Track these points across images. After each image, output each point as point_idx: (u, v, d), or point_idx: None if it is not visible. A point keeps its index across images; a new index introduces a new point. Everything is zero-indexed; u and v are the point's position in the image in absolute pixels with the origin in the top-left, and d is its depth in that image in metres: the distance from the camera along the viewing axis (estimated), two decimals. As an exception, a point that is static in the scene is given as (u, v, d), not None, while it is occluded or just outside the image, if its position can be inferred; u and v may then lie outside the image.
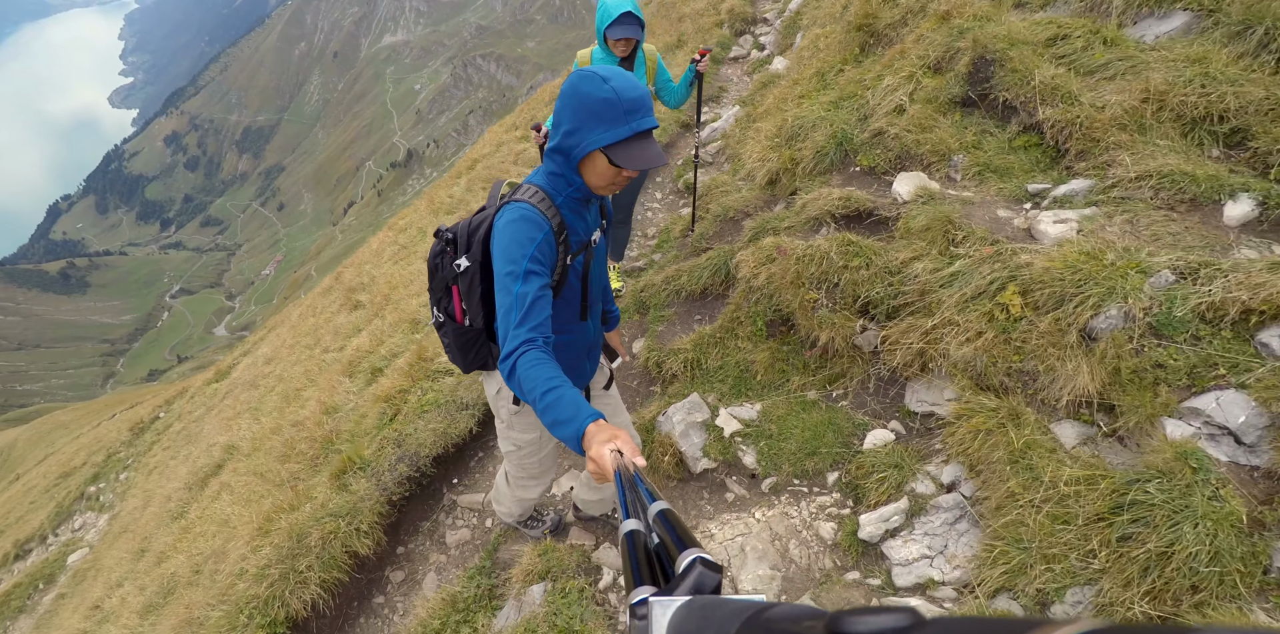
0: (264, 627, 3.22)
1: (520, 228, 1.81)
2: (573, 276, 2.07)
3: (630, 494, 1.07)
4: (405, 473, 3.84)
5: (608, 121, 1.69)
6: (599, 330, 2.39)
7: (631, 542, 0.90)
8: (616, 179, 1.82)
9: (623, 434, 1.34)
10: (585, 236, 2.05)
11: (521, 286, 1.73)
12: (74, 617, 7.87)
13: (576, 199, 1.95)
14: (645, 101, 1.72)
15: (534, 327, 1.69)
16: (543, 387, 1.53)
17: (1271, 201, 2.70)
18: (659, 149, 1.77)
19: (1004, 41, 3.79)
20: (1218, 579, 1.90)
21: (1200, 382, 2.19)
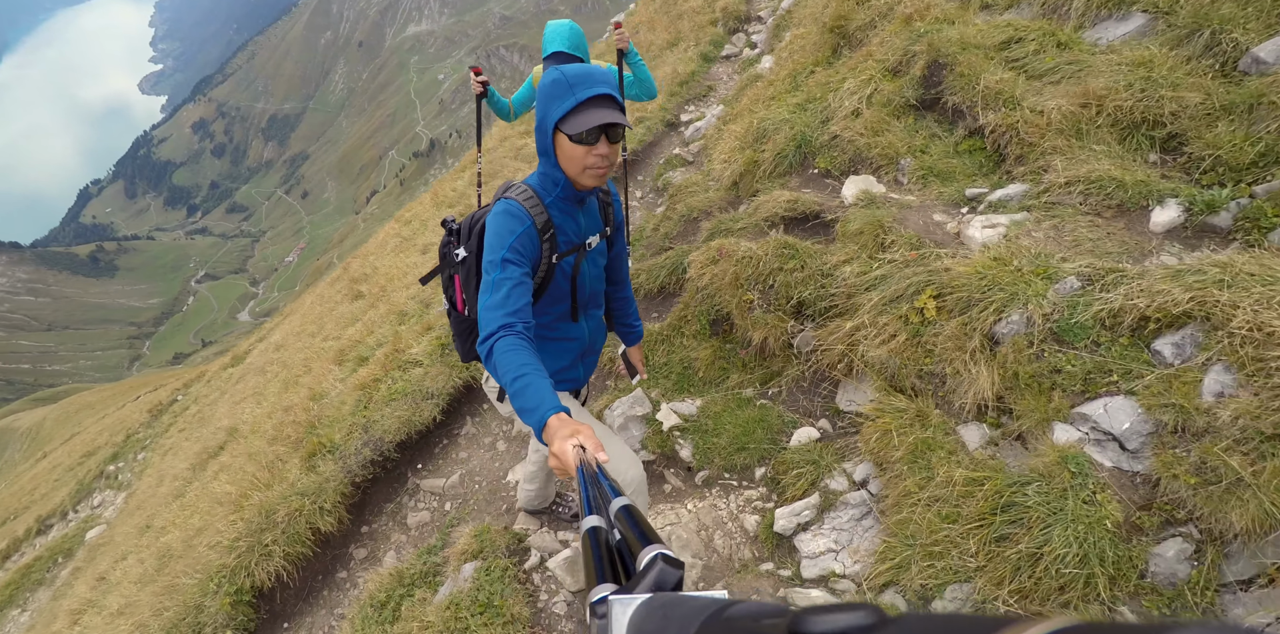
0: (230, 594, 3.40)
1: (502, 221, 1.88)
2: (559, 276, 2.08)
3: (593, 489, 1.06)
4: (370, 457, 3.99)
5: (557, 99, 1.75)
6: (594, 335, 2.38)
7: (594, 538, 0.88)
8: (587, 160, 1.81)
9: (585, 429, 1.33)
10: (576, 238, 2.06)
11: (499, 273, 1.79)
12: (83, 587, 8.20)
13: (566, 199, 1.97)
14: (593, 74, 1.75)
15: (512, 311, 1.72)
16: (514, 372, 1.55)
17: (1197, 208, 2.74)
18: (609, 111, 1.76)
19: (957, 45, 3.82)
20: (1084, 581, 1.97)
21: (1094, 387, 2.26)
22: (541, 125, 1.83)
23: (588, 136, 1.75)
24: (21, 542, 19.83)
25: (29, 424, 57.63)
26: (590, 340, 2.37)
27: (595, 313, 2.37)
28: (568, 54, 3.57)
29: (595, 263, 2.22)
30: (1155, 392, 2.09)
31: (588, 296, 2.24)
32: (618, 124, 1.75)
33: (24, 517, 23.00)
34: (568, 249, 2.05)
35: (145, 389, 36.14)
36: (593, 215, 2.13)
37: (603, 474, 1.13)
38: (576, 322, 2.24)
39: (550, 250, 1.99)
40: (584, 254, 2.12)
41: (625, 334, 2.69)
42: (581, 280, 2.16)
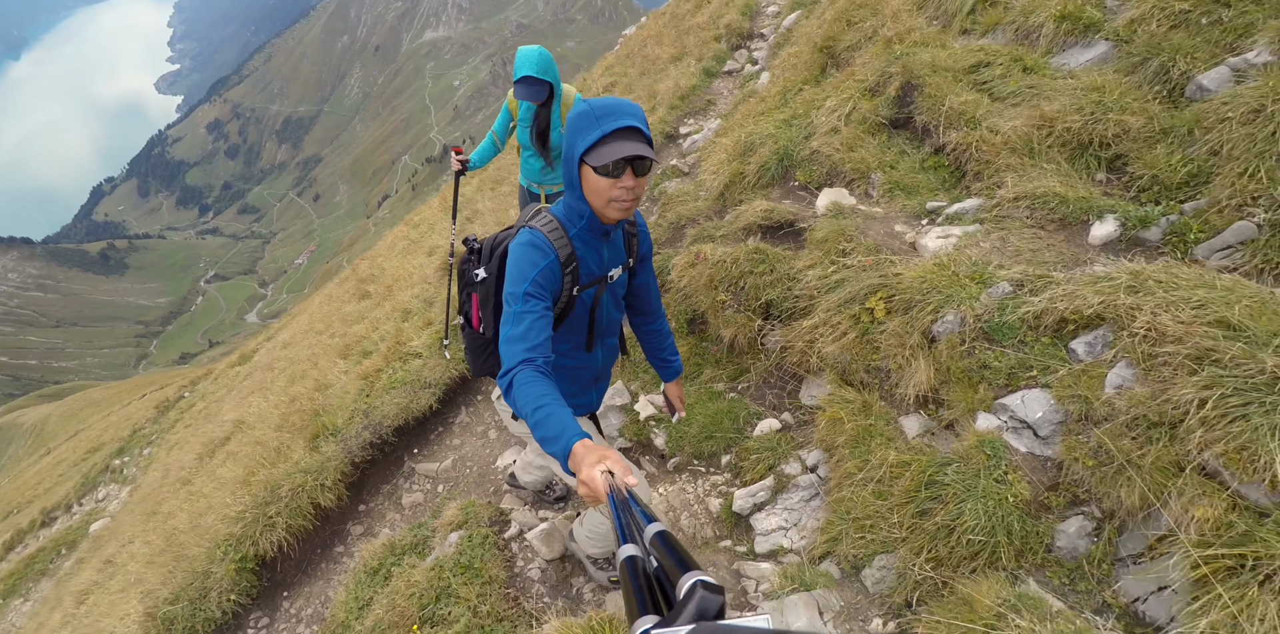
0: (236, 561, 3.71)
1: (527, 252, 1.89)
2: (579, 307, 2.11)
3: (625, 516, 1.06)
4: (369, 440, 4.31)
5: (582, 131, 1.76)
6: (606, 362, 2.42)
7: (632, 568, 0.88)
8: (612, 193, 1.81)
9: (613, 454, 1.32)
10: (599, 270, 2.08)
11: (520, 307, 1.81)
12: (89, 571, 8.52)
13: (589, 232, 1.97)
14: (620, 107, 1.77)
15: (532, 347, 1.74)
16: (534, 403, 1.56)
17: (1131, 223, 3.03)
18: (635, 143, 1.75)
19: (928, 68, 4.13)
20: (991, 550, 2.25)
21: (1016, 381, 2.53)
22: (568, 157, 1.84)
23: (613, 169, 1.75)
24: (25, 533, 20.17)
25: (34, 420, 58.32)
26: (603, 367, 2.42)
27: (609, 342, 2.39)
28: (536, 78, 3.75)
29: (615, 294, 2.24)
30: (1066, 385, 2.37)
31: (604, 327, 2.27)
32: (644, 157, 1.76)
33: (28, 510, 23.35)
34: (589, 281, 2.07)
35: (151, 388, 36.62)
36: (616, 248, 2.14)
37: (634, 499, 1.12)
38: (590, 352, 2.27)
39: (572, 283, 2.00)
40: (605, 286, 2.14)
41: (661, 369, 2.69)
42: (600, 312, 2.19)
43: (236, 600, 3.76)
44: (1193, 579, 1.87)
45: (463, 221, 10.40)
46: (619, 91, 11.14)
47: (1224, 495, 1.91)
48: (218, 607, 3.71)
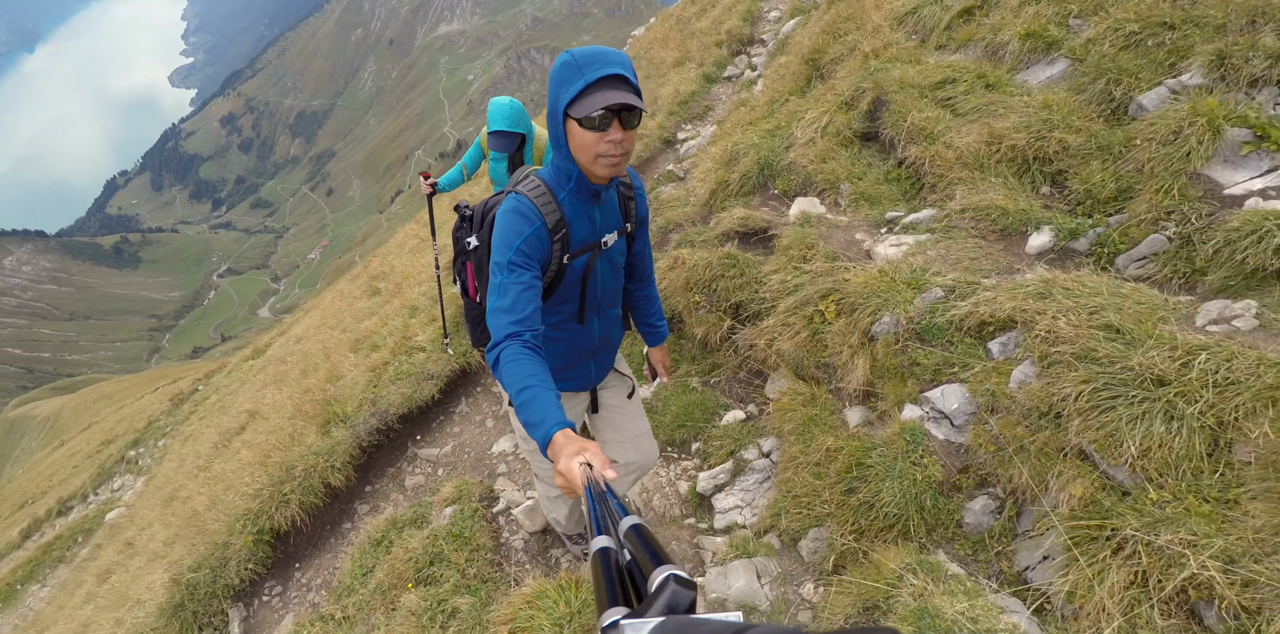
0: (253, 533, 4.16)
1: (512, 220, 1.83)
2: (570, 276, 2.02)
3: (601, 509, 1.06)
4: (376, 426, 4.74)
5: (565, 82, 1.69)
6: (606, 334, 2.33)
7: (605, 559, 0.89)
8: (599, 148, 1.73)
9: (592, 446, 1.31)
10: (591, 237, 2.00)
11: (506, 277, 1.76)
12: (110, 552, 9.06)
13: (579, 194, 1.90)
14: (605, 54, 1.68)
15: (519, 319, 1.69)
16: (519, 384, 1.53)
17: (1062, 234, 3.37)
18: (621, 92, 1.67)
19: (897, 84, 4.48)
20: (904, 524, 2.62)
21: (940, 376, 2.90)
22: (552, 112, 1.77)
23: (599, 122, 1.67)
24: (42, 522, 20.87)
25: (47, 412, 59.64)
26: (601, 339, 2.32)
27: (609, 312, 2.30)
28: (508, 132, 3.97)
29: (612, 261, 2.14)
30: (979, 380, 2.73)
31: (600, 297, 2.17)
32: (632, 106, 1.67)
33: (44, 499, 24.07)
34: (580, 248, 1.99)
35: (164, 381, 37.47)
36: (611, 211, 2.05)
37: (611, 492, 1.12)
38: (583, 323, 2.19)
39: (561, 250, 1.93)
40: (599, 253, 2.05)
41: (647, 334, 2.67)
42: (594, 281, 2.10)
43: (253, 570, 4.20)
44: (1064, 548, 2.23)
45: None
46: (624, 94, 11.50)
47: (1094, 476, 2.27)
48: (236, 575, 4.15)
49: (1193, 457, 2.06)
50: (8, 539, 20.64)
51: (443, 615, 2.99)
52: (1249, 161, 2.98)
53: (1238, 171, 2.98)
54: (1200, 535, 1.90)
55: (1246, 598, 1.77)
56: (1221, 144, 3.03)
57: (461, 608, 2.98)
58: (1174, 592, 1.90)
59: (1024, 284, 2.86)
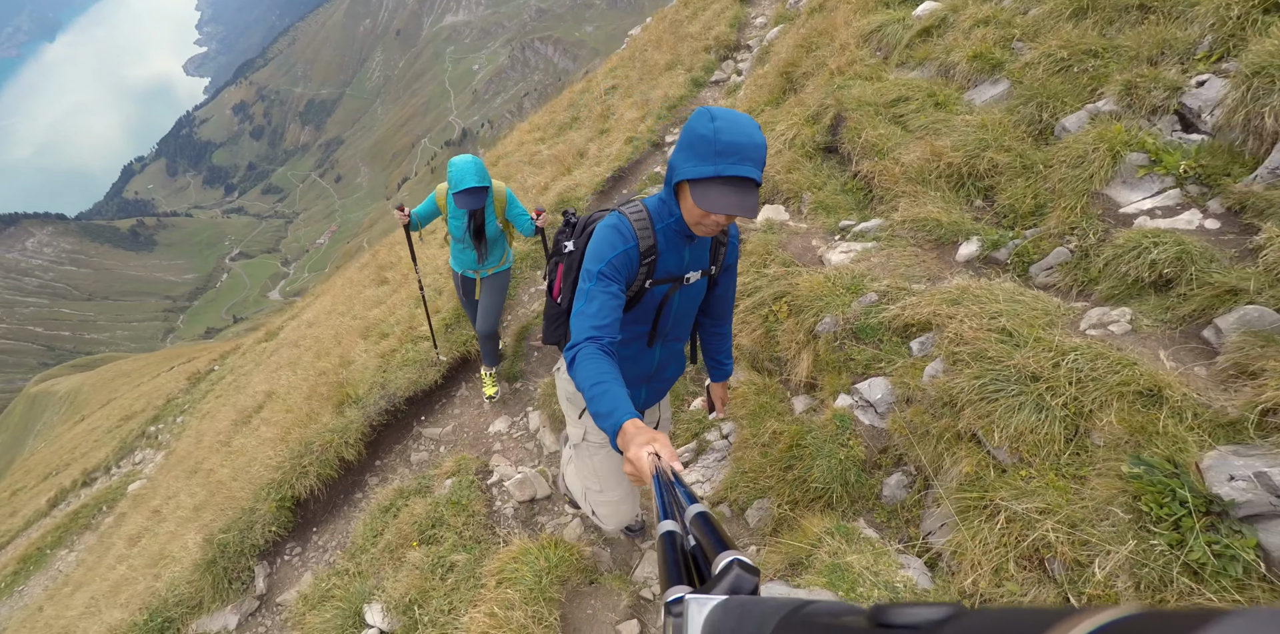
0: (276, 500, 4.53)
1: (609, 235, 1.90)
2: (649, 300, 2.07)
3: (668, 496, 1.08)
4: (385, 407, 5.10)
5: (698, 156, 1.68)
6: (665, 363, 2.38)
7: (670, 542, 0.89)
8: (704, 220, 1.78)
9: (661, 437, 1.33)
10: (676, 270, 2.04)
11: (594, 285, 1.82)
12: (137, 519, 9.46)
13: (675, 231, 1.95)
14: (745, 149, 1.65)
15: (600, 325, 1.74)
16: (593, 378, 1.57)
17: (987, 245, 3.70)
18: (747, 200, 1.68)
19: (855, 102, 4.78)
20: (830, 496, 2.98)
21: (870, 370, 3.25)
22: (672, 166, 1.80)
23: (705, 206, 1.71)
24: (68, 492, 21.31)
25: (67, 389, 60.06)
26: (658, 367, 2.37)
27: (674, 344, 2.34)
28: (478, 187, 3.99)
29: (690, 297, 2.19)
30: (900, 374, 3.08)
31: (670, 326, 2.22)
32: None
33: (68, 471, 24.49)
34: (664, 277, 2.04)
35: (179, 361, 37.84)
36: (701, 252, 2.10)
37: (679, 481, 1.14)
38: (650, 347, 2.24)
39: (646, 275, 1.98)
40: (679, 286, 2.10)
41: (712, 368, 2.70)
42: (668, 310, 2.15)
43: (276, 532, 4.58)
44: (952, 515, 2.59)
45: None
46: (619, 94, 11.75)
47: (981, 456, 2.63)
48: (261, 536, 4.53)
49: (1055, 441, 2.41)
50: (36, 507, 21.09)
51: (442, 569, 3.37)
52: (1143, 183, 3.30)
53: (1133, 192, 3.31)
54: (1052, 505, 2.26)
55: (1081, 554, 2.14)
56: (1121, 167, 3.35)
57: (459, 563, 3.36)
58: (1028, 549, 2.26)
59: (944, 291, 3.20)
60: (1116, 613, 0.32)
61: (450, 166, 4.08)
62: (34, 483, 27.60)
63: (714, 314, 2.47)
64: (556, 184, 8.46)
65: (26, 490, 27.15)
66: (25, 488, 27.89)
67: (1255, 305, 2.52)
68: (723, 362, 2.65)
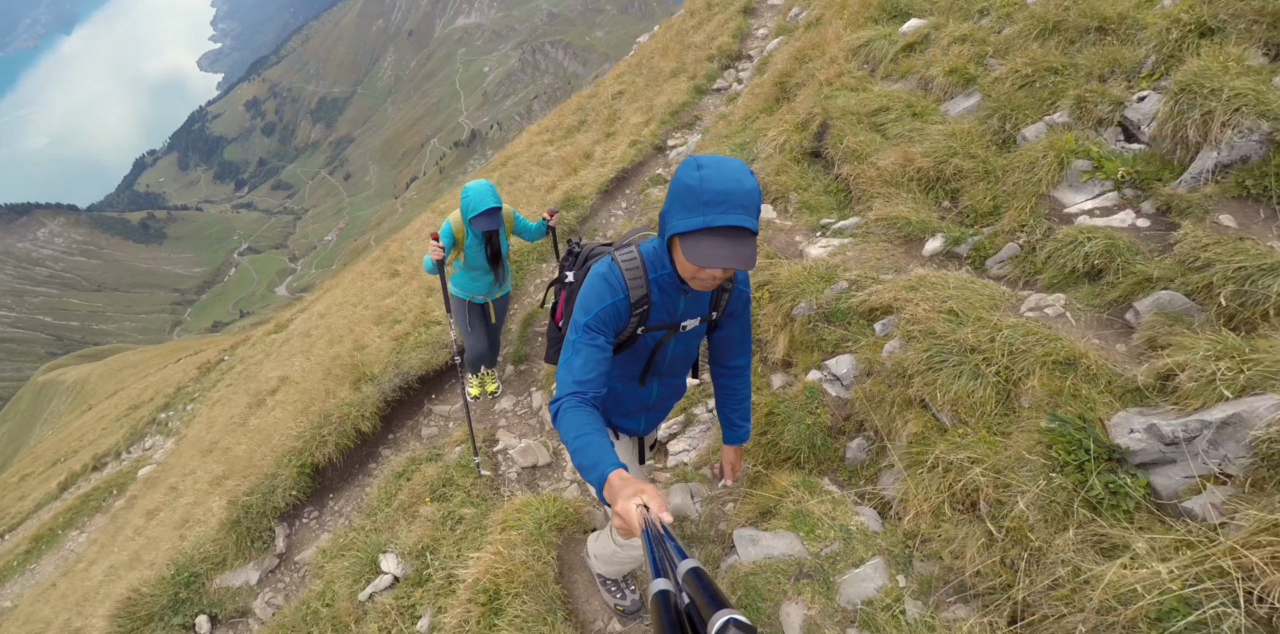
0: (297, 466, 4.90)
1: (598, 286, 1.84)
2: (640, 345, 2.03)
3: (659, 551, 1.05)
4: (398, 384, 5.49)
5: (686, 208, 1.58)
6: (663, 397, 2.37)
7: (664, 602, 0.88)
8: (699, 275, 1.69)
9: (649, 488, 1.29)
10: (670, 318, 1.97)
11: (579, 337, 1.79)
12: (154, 495, 9.83)
13: (669, 282, 1.87)
14: (734, 195, 1.53)
15: (584, 380, 1.72)
16: (575, 432, 1.55)
17: (949, 240, 4.07)
18: (740, 250, 1.56)
19: (840, 111, 5.16)
20: (798, 457, 3.35)
21: (838, 349, 3.61)
22: (663, 217, 1.70)
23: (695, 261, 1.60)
24: (78, 476, 21.67)
25: (75, 378, 60.47)
26: (657, 401, 2.35)
27: (671, 380, 2.32)
28: (497, 207, 4.04)
29: (686, 343, 2.13)
30: (863, 351, 3.45)
31: (665, 369, 2.20)
32: None
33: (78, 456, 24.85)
34: (658, 325, 1.98)
35: (185, 353, 38.24)
36: (700, 299, 2.01)
37: (669, 535, 1.11)
38: (642, 386, 2.22)
39: (639, 323, 1.92)
40: (674, 333, 2.04)
41: (726, 428, 2.58)
42: (662, 355, 2.11)
43: (296, 496, 4.95)
44: (901, 468, 2.96)
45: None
46: (626, 100, 12.15)
47: (926, 418, 3.00)
48: (282, 499, 4.90)
49: (988, 403, 2.78)
50: (46, 490, 21.46)
51: (452, 521, 3.74)
52: (1086, 186, 3.67)
53: (1077, 194, 3.67)
54: (982, 456, 2.63)
55: (1003, 495, 2.50)
56: (1068, 172, 3.72)
57: (467, 515, 3.73)
58: (961, 493, 2.63)
59: (905, 280, 3.56)
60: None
61: (465, 192, 4.10)
62: (42, 469, 27.96)
63: (728, 361, 2.36)
64: (563, 183, 8.84)
65: (35, 476, 27.49)
66: (33, 474, 28.24)
67: (1168, 291, 2.89)
68: (737, 424, 2.52)
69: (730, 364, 2.38)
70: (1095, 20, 4.56)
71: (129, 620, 4.72)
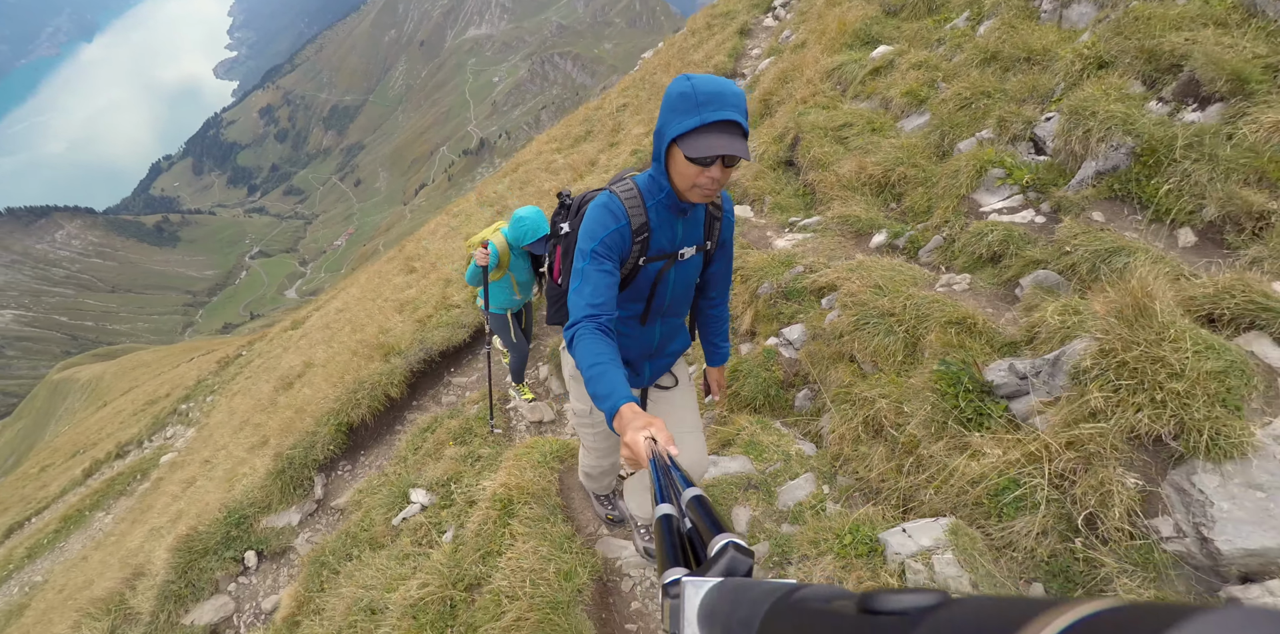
0: (334, 425, 5.64)
1: (600, 214, 1.88)
2: (642, 278, 2.05)
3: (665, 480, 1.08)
4: (422, 357, 6.24)
5: (681, 113, 1.68)
6: (665, 340, 2.35)
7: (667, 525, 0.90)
8: (698, 179, 1.75)
9: (658, 422, 1.32)
10: (669, 246, 2.02)
11: (587, 264, 1.81)
12: (188, 470, 10.57)
13: (667, 206, 1.93)
14: (725, 96, 1.67)
15: (597, 303, 1.73)
16: (591, 359, 1.56)
17: (890, 234, 4.81)
18: (734, 140, 1.66)
19: (810, 126, 5.92)
20: (756, 404, 4.08)
21: (793, 320, 4.35)
22: (659, 133, 1.79)
23: (705, 160, 1.70)
24: (102, 463, 22.38)
25: (89, 377, 61.27)
26: (659, 344, 2.34)
27: (673, 320, 2.29)
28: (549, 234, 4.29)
29: (685, 273, 2.14)
30: (811, 320, 4.19)
31: (667, 304, 2.19)
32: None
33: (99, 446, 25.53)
34: (657, 255, 2.01)
35: (198, 353, 39.01)
36: (695, 226, 2.06)
37: (674, 465, 1.14)
38: (645, 325, 2.21)
39: (640, 252, 1.97)
40: (673, 263, 2.07)
41: (709, 352, 2.69)
42: (663, 288, 2.12)
43: (333, 450, 5.69)
44: (832, 406, 3.68)
45: (493, 215, 12.33)
46: (630, 111, 12.95)
47: (853, 368, 3.73)
48: (321, 452, 5.64)
49: (897, 354, 3.51)
50: (71, 477, 22.19)
51: (471, 459, 4.48)
52: (999, 190, 4.42)
53: (992, 197, 4.42)
54: (887, 391, 3.36)
55: (900, 419, 3.23)
56: (985, 179, 4.47)
57: (484, 455, 4.47)
58: (870, 420, 3.36)
59: (848, 264, 4.31)
60: (1099, 605, 0.31)
61: (522, 220, 4.37)
62: (61, 460, 28.68)
63: (708, 293, 2.45)
64: (570, 188, 9.62)
65: (55, 467, 28.21)
66: (53, 465, 28.97)
67: (1045, 270, 3.63)
68: (719, 344, 2.64)
69: (713, 295, 2.47)
70: (1025, 52, 5.32)
71: (187, 553, 5.44)
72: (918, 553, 2.48)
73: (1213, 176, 3.48)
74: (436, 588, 3.36)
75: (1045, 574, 2.48)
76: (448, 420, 5.27)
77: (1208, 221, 3.50)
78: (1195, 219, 3.55)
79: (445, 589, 3.34)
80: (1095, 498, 2.39)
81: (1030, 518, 2.52)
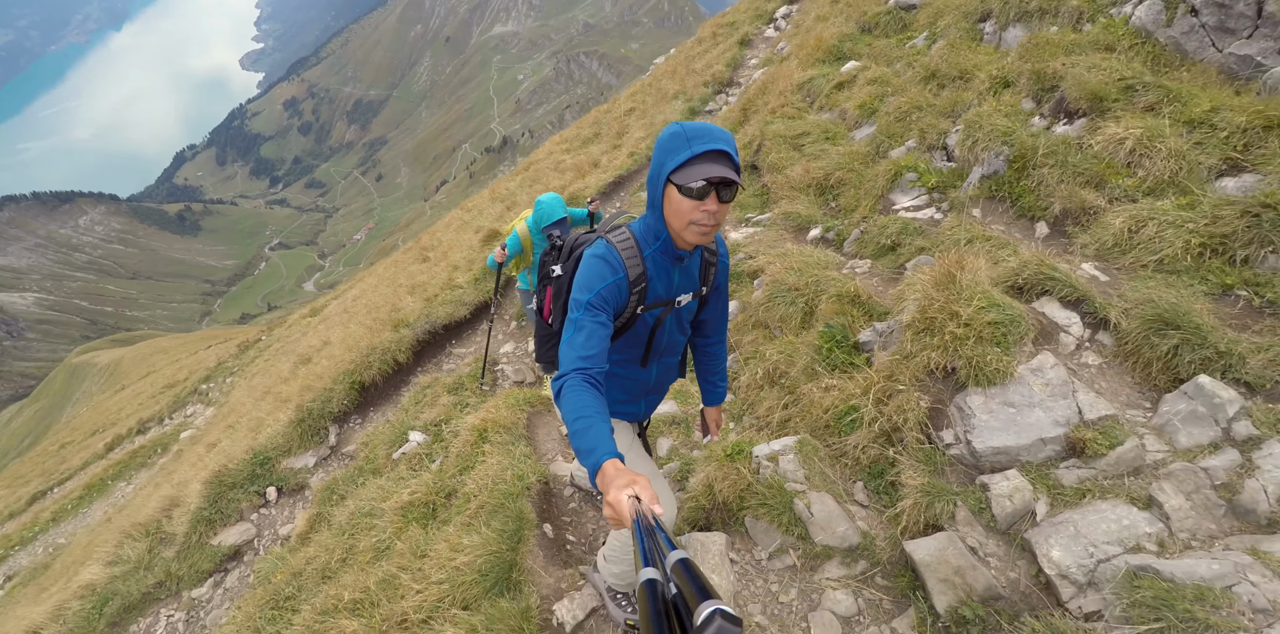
0: (348, 384, 6.68)
1: (597, 265, 1.93)
2: (640, 325, 2.10)
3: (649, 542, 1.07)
4: (428, 329, 7.27)
5: (673, 151, 1.77)
6: (662, 378, 2.42)
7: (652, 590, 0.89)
8: (694, 215, 1.80)
9: (642, 479, 1.32)
10: (666, 295, 2.07)
11: (582, 314, 1.84)
12: (215, 432, 11.71)
13: (663, 254, 1.97)
14: (710, 131, 1.76)
15: (587, 356, 1.76)
16: (576, 413, 1.58)
17: (824, 228, 5.74)
18: (726, 168, 1.74)
19: (773, 134, 6.87)
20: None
21: (731, 298, 5.30)
22: (654, 177, 1.86)
23: (699, 191, 1.75)
24: (123, 438, 23.71)
25: (108, 361, 63.27)
26: (656, 383, 2.41)
27: (669, 360, 2.37)
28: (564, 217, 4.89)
29: (681, 318, 2.22)
30: (741, 296, 5.13)
31: (664, 348, 2.25)
32: (730, 181, 1.74)
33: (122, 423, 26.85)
34: (655, 303, 2.06)
35: (215, 341, 40.50)
36: (690, 274, 2.13)
37: (659, 526, 1.14)
38: (645, 367, 2.27)
39: (637, 302, 2.00)
40: (670, 310, 2.12)
41: (706, 391, 2.74)
42: (661, 333, 2.18)
43: (346, 405, 6.73)
44: (742, 362, 4.63)
45: (503, 210, 13.41)
46: (636, 115, 13.96)
47: (765, 332, 4.67)
48: (336, 405, 6.68)
49: (798, 319, 4.45)
50: (93, 451, 23.56)
51: (461, 405, 5.48)
52: (911, 191, 5.34)
53: (904, 197, 5.35)
54: (786, 350, 4.29)
55: (791, 370, 4.16)
56: (900, 182, 5.39)
57: (471, 403, 5.47)
58: (769, 371, 4.29)
59: (777, 252, 5.26)
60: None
61: (543, 205, 4.93)
62: (81, 438, 30.19)
63: (706, 333, 2.52)
64: (572, 185, 10.63)
65: (74, 444, 29.71)
66: (73, 442, 30.50)
67: (925, 255, 4.55)
68: (717, 384, 2.70)
69: (715, 335, 2.55)
70: (958, 71, 6.22)
71: (218, 485, 6.50)
72: (769, 454, 3.43)
73: (1061, 179, 4.38)
74: (423, 495, 4.36)
75: (866, 475, 3.42)
76: (445, 379, 6.29)
77: (1055, 216, 4.41)
78: (1048, 214, 4.46)
79: (430, 496, 4.34)
80: (900, 416, 3.32)
81: (860, 433, 3.45)
